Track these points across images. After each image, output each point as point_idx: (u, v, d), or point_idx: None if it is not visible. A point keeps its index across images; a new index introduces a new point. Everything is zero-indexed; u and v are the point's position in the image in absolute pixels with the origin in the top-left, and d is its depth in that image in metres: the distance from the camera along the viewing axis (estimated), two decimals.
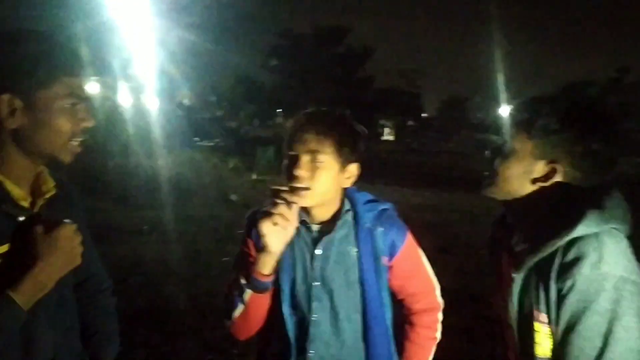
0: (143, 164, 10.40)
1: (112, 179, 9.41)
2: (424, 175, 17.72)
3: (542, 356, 1.22)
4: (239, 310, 1.43)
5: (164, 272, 5.23)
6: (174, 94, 29.29)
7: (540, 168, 1.27)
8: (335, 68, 38.62)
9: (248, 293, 1.40)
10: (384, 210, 1.55)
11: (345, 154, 1.45)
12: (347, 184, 1.50)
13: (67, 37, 1.21)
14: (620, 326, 1.10)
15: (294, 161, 1.41)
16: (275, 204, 1.33)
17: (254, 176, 12.84)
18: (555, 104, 1.26)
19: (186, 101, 37.04)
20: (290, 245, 1.45)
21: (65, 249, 1.15)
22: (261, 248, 1.37)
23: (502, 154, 1.32)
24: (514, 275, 1.26)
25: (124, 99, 17.86)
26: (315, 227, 1.51)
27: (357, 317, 1.49)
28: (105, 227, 6.83)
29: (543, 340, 1.21)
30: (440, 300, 1.63)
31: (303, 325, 1.49)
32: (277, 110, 44.80)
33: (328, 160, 1.42)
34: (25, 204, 1.20)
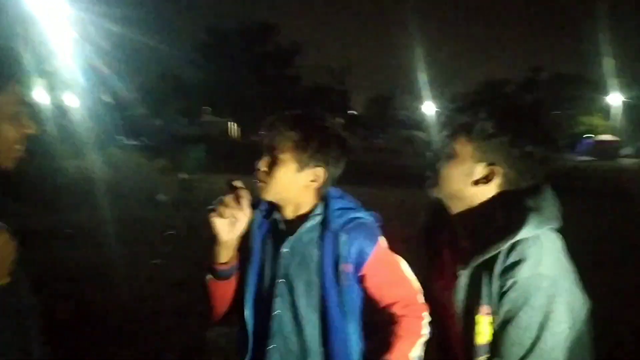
0: (65, 165, 9.96)
1: (31, 182, 8.96)
2: (353, 172, 17.92)
3: (482, 344, 1.31)
4: (206, 294, 1.55)
5: (90, 278, 5.04)
6: (96, 91, 28.17)
7: (480, 170, 1.36)
8: (263, 65, 38.43)
9: (208, 278, 1.52)
10: (355, 218, 1.54)
11: (306, 155, 1.47)
12: (313, 186, 1.52)
13: (9, 43, 1.21)
14: (552, 319, 1.22)
15: (260, 156, 1.49)
16: (225, 197, 1.42)
17: (183, 175, 12.57)
18: (492, 108, 1.35)
19: (109, 98, 35.75)
20: (262, 240, 1.55)
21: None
22: (215, 239, 1.45)
23: (443, 155, 1.40)
24: (460, 271, 1.35)
25: (43, 98, 17.01)
26: (285, 226, 1.55)
27: (315, 319, 1.51)
28: (21, 231, 6.50)
29: (484, 330, 1.31)
30: (420, 304, 1.56)
31: (265, 319, 1.53)
32: (205, 108, 44.06)
33: (285, 158, 1.47)
34: None
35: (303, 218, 1.54)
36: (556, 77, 51.33)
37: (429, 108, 46.93)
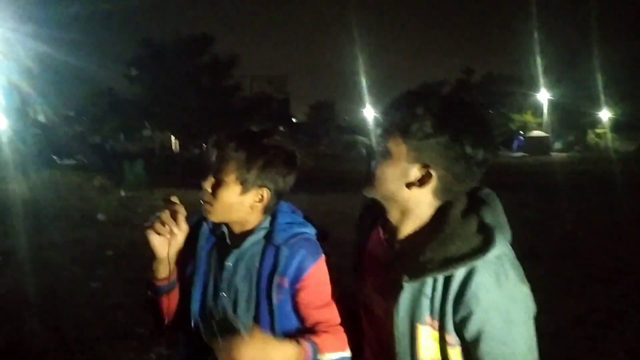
0: None
1: None
2: (298, 179, 17.98)
3: (427, 358, 1.26)
4: (149, 311, 1.57)
5: (23, 307, 4.82)
6: (26, 111, 27.06)
7: (414, 172, 1.26)
8: (201, 77, 37.97)
9: (149, 296, 1.53)
10: (299, 233, 1.53)
11: (250, 177, 1.46)
12: (258, 207, 1.51)
13: None
14: (519, 330, 1.20)
15: (204, 177, 1.48)
16: (160, 212, 1.42)
17: (123, 193, 12.24)
18: (428, 105, 1.24)
19: (41, 118, 34.42)
20: (209, 254, 1.55)
21: None
22: (151, 254, 1.45)
23: (377, 155, 1.32)
24: (405, 283, 1.25)
25: None
26: (230, 240, 1.55)
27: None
28: None
29: (432, 344, 1.25)
30: (344, 335, 1.53)
31: (208, 330, 1.52)
32: (144, 123, 43.07)
33: (229, 180, 1.45)
34: None
35: (250, 232, 1.54)
36: (487, 76, 53.22)
37: (369, 112, 47.61)
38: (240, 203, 1.48)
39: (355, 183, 1.51)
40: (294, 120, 63.48)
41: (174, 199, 1.45)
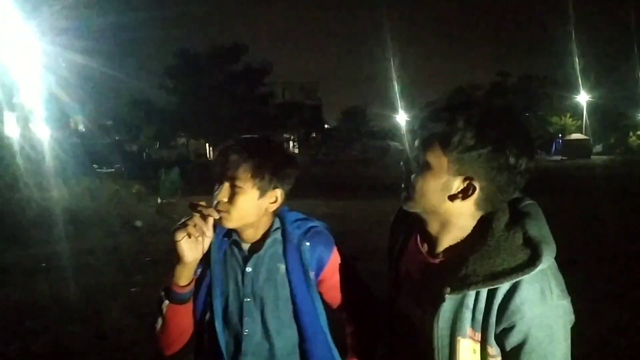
0: (36, 197, 9.79)
1: (2, 216, 8.80)
2: (330, 185, 18.04)
3: None
4: (159, 323, 1.48)
5: (65, 312, 4.94)
6: (67, 121, 27.85)
7: (457, 184, 1.23)
8: (234, 85, 38.46)
9: (166, 304, 1.45)
10: (312, 227, 1.61)
11: (265, 181, 1.50)
12: (272, 208, 1.55)
13: None
14: (559, 346, 1.18)
15: (217, 186, 1.49)
16: (191, 217, 1.40)
17: (159, 200, 12.45)
18: (468, 116, 1.21)
19: (81, 127, 35.39)
20: (223, 262, 1.54)
21: None
22: (177, 260, 1.41)
23: (416, 167, 1.28)
24: (446, 294, 1.22)
25: (12, 130, 16.77)
26: (246, 246, 1.57)
27: (289, 332, 1.55)
28: None
29: (472, 357, 1.23)
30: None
31: (235, 339, 1.54)
32: (179, 131, 43.83)
33: (246, 186, 1.48)
34: None
35: (264, 235, 1.57)
36: (524, 78, 52.32)
37: (401, 118, 47.38)
38: (257, 207, 1.51)
39: (388, 188, 1.49)
40: (326, 126, 63.62)
41: (203, 202, 1.45)
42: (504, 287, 1.18)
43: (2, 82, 15.24)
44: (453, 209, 1.26)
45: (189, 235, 1.40)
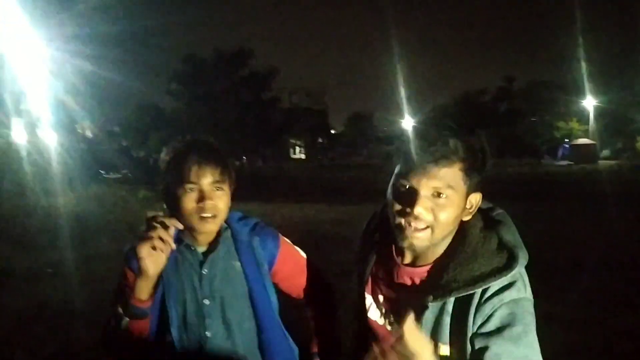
0: (43, 203, 9.85)
1: (9, 221, 8.85)
2: (337, 190, 18.05)
3: None
4: (117, 340, 1.45)
5: (72, 317, 4.95)
6: (74, 127, 28.01)
7: (472, 202, 1.28)
8: (240, 91, 38.58)
9: (126, 321, 1.42)
10: (257, 223, 1.66)
11: (232, 178, 1.56)
12: (230, 205, 1.59)
13: None
14: (528, 342, 1.19)
15: (197, 193, 1.47)
16: (152, 228, 1.37)
17: (165, 206, 12.50)
18: (478, 137, 1.25)
19: (88, 133, 35.56)
20: (175, 269, 1.53)
21: None
22: (139, 273, 1.39)
23: (436, 203, 1.23)
24: (429, 303, 1.24)
25: (19, 136, 16.89)
26: (199, 249, 1.57)
27: (249, 325, 1.58)
28: (2, 274, 6.42)
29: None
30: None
31: (197, 343, 1.54)
32: (186, 136, 43.93)
33: (226, 188, 1.53)
34: None
35: (214, 236, 1.59)
36: (530, 83, 52.17)
37: (407, 123, 47.36)
38: (229, 207, 1.55)
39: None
40: (332, 131, 63.71)
41: (161, 213, 1.43)
42: (481, 292, 1.22)
43: (10, 88, 15.36)
44: (455, 228, 1.30)
45: (154, 249, 1.37)
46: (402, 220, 1.25)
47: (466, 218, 1.29)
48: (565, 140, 46.59)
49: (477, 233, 1.28)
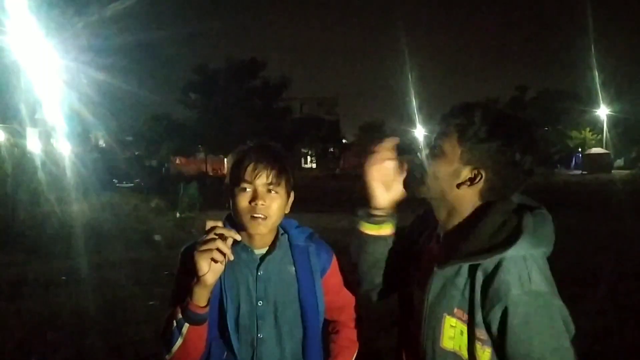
0: (57, 212, 9.93)
1: (23, 230, 8.94)
2: (348, 199, 18.03)
3: (449, 348, 1.31)
4: (178, 344, 1.45)
5: (84, 325, 4.98)
6: (88, 136, 28.29)
7: (466, 173, 1.35)
8: (252, 100, 38.80)
9: (186, 326, 1.43)
10: (312, 233, 1.70)
11: (290, 184, 1.58)
12: (287, 210, 1.62)
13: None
14: (558, 340, 1.22)
15: (252, 193, 1.51)
16: (211, 240, 1.37)
17: (178, 214, 12.54)
18: (485, 113, 1.34)
19: (102, 143, 35.85)
20: (231, 270, 1.53)
21: None
22: (196, 282, 1.40)
23: (431, 155, 1.41)
24: (435, 269, 1.33)
25: (34, 145, 17.09)
26: (256, 251, 1.60)
27: (298, 333, 1.60)
28: (17, 281, 6.48)
29: (456, 335, 1.30)
30: (361, 313, 1.78)
31: (250, 344, 1.56)
32: (198, 146, 44.22)
33: (280, 191, 1.54)
34: None
35: (270, 241, 1.62)
36: (543, 92, 51.95)
37: (419, 132, 47.30)
38: (284, 210, 1.59)
39: (406, 203, 1.53)
40: (344, 140, 63.77)
41: (219, 224, 1.43)
42: (487, 270, 1.26)
43: (25, 98, 15.56)
44: (459, 196, 1.38)
45: (214, 260, 1.38)
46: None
47: (462, 190, 1.37)
48: (579, 149, 46.29)
49: (494, 213, 1.33)
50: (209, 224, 1.41)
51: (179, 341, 1.44)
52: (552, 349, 1.21)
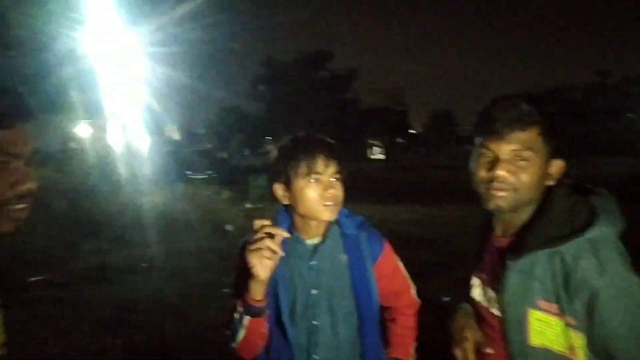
0: (136, 202, 10.44)
1: (107, 219, 9.46)
2: (416, 191, 17.85)
3: (539, 345, 1.26)
4: (241, 334, 1.55)
5: (163, 309, 5.25)
6: (162, 129, 29.39)
7: (555, 167, 1.31)
8: (320, 92, 38.96)
9: (246, 319, 1.52)
10: (363, 220, 1.73)
11: (347, 173, 1.63)
12: None
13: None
14: (625, 317, 1.19)
15: (323, 183, 1.57)
16: (261, 238, 1.43)
17: (248, 205, 12.88)
18: (542, 102, 1.30)
19: (175, 136, 37.15)
20: (286, 261, 1.56)
21: None
22: (252, 277, 1.47)
23: (512, 161, 1.28)
24: (509, 262, 1.29)
25: (114, 139, 17.96)
26: (308, 241, 1.66)
27: (352, 320, 1.64)
28: (102, 267, 6.88)
29: (545, 329, 1.25)
30: (416, 299, 1.81)
31: (306, 332, 1.62)
32: (266, 138, 44.97)
33: (341, 179, 1.61)
34: None
35: (321, 230, 1.67)
36: (626, 78, 49.04)
37: None
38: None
39: (473, 194, 1.47)
40: (412, 131, 62.98)
41: (268, 222, 1.47)
42: (567, 257, 1.21)
43: (105, 94, 16.32)
44: (539, 190, 1.33)
45: (268, 259, 1.44)
46: (487, 185, 1.32)
47: (550, 183, 1.32)
48: None
49: (565, 199, 1.30)
50: (258, 223, 1.46)
51: (242, 332, 1.54)
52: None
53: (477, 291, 1.49)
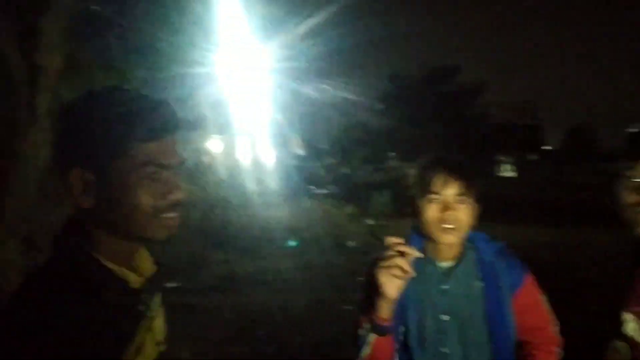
0: (263, 215, 10.80)
1: (236, 231, 9.86)
2: (549, 210, 16.77)
3: None
4: (366, 352, 1.51)
5: (289, 322, 5.33)
6: (288, 144, 30.38)
7: None
8: (445, 107, 38.28)
9: (372, 337, 1.48)
10: (502, 247, 1.64)
11: (477, 194, 1.56)
12: (474, 221, 1.59)
13: (143, 95, 1.05)
14: None
15: (441, 204, 1.51)
16: (391, 256, 1.38)
17: (369, 221, 12.82)
18: None
19: (300, 151, 38.28)
20: (416, 282, 1.51)
21: None
22: (379, 295, 1.42)
23: None
24: None
25: (242, 153, 18.79)
26: (441, 264, 1.60)
27: (485, 351, 1.55)
28: (231, 277, 7.14)
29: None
30: (558, 336, 1.67)
31: (433, 357, 1.56)
32: (390, 154, 44.91)
33: (469, 201, 1.54)
34: (137, 285, 1.07)
35: (455, 254, 1.59)
36: None
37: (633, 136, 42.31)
38: (471, 221, 1.55)
39: (612, 218, 1.36)
40: (547, 147, 59.71)
41: (400, 241, 1.43)
42: None
43: (235, 110, 17.11)
44: None
45: (397, 277, 1.40)
46: (637, 209, 1.22)
47: None
48: None
49: None
50: (390, 240, 1.42)
51: (367, 349, 1.50)
52: None
53: (630, 326, 1.36)
